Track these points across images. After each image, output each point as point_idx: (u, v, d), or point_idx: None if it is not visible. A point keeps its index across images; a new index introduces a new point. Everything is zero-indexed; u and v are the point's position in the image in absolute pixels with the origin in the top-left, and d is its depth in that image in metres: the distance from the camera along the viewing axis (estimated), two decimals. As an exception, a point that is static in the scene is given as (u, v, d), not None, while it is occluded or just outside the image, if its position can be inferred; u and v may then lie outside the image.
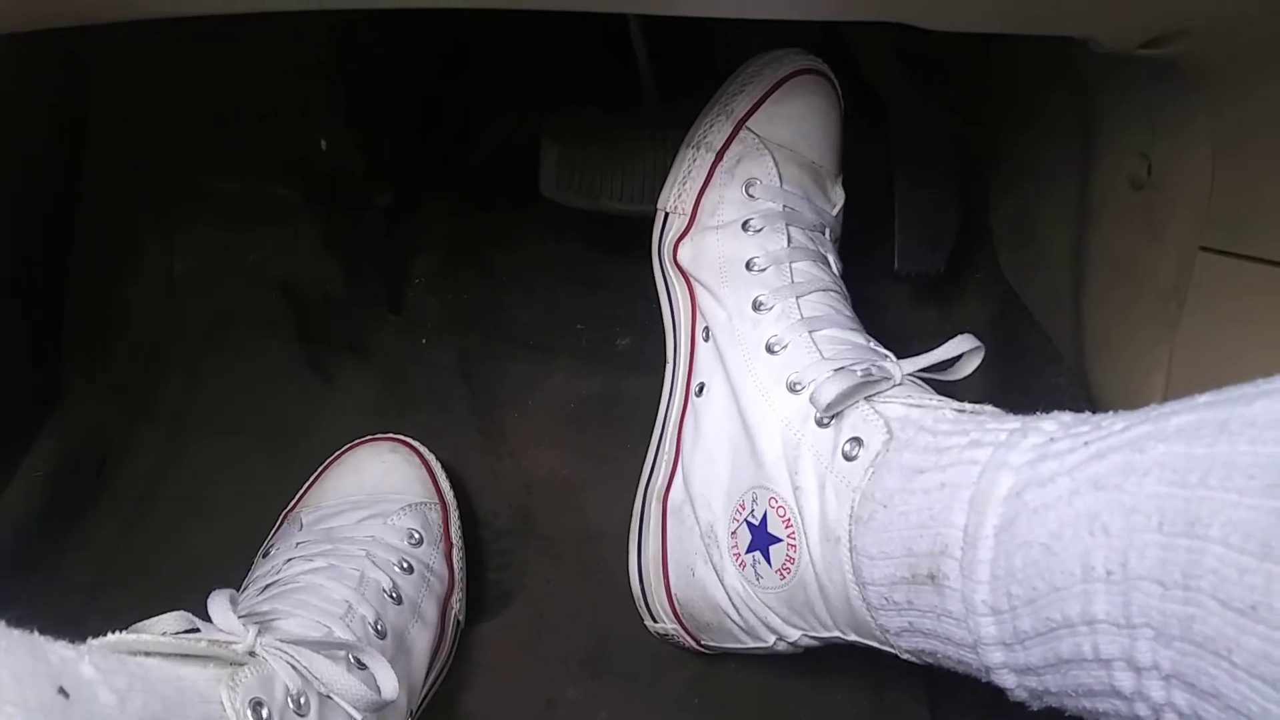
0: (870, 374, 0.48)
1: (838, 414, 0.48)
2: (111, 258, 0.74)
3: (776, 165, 0.59)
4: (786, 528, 0.50)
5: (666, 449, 0.61)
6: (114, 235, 0.74)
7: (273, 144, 0.74)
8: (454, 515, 0.63)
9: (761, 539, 0.51)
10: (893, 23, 0.43)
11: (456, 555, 0.62)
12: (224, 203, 0.76)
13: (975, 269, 0.78)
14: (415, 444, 0.65)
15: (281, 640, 0.45)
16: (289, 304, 0.75)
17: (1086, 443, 0.35)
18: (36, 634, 0.32)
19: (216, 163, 0.75)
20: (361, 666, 0.48)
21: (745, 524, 0.53)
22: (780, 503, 0.50)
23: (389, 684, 0.48)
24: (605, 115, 0.71)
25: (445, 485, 0.64)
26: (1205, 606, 0.28)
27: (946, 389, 0.50)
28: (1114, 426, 0.35)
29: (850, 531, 0.45)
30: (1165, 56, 0.46)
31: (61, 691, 0.31)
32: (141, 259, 0.75)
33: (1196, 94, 0.50)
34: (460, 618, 0.62)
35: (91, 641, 0.37)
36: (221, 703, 0.39)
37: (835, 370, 0.49)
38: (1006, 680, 0.38)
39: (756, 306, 0.56)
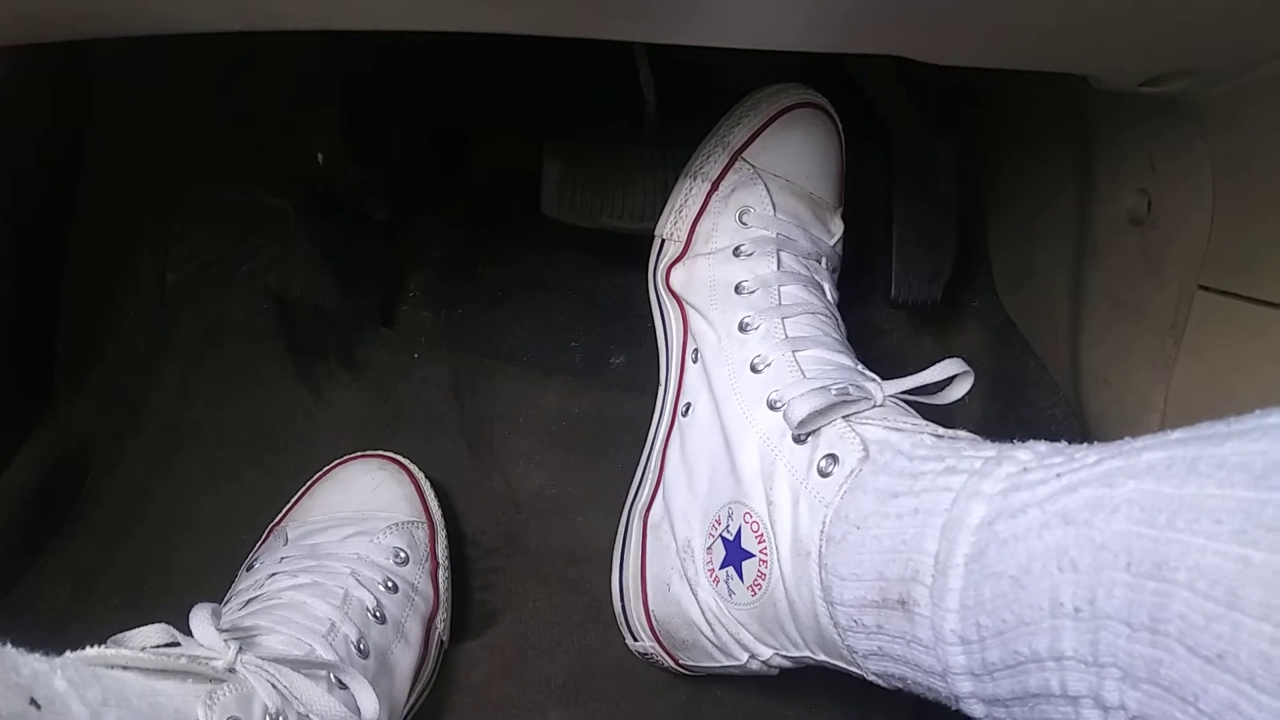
0: (847, 393, 0.49)
1: (814, 431, 0.49)
2: (105, 266, 0.74)
3: (770, 194, 0.60)
4: (759, 542, 0.50)
5: (652, 467, 0.61)
6: (108, 244, 0.74)
7: (270, 156, 0.74)
8: (441, 535, 0.63)
9: (735, 554, 0.52)
10: (897, 56, 0.43)
11: (442, 575, 0.61)
12: (219, 213, 0.75)
13: (973, 297, 0.78)
14: (404, 461, 0.65)
15: (262, 658, 0.44)
16: (281, 316, 0.74)
17: (1059, 474, 0.35)
18: (8, 646, 0.32)
19: (213, 173, 0.75)
20: (342, 687, 0.47)
21: (720, 539, 0.53)
22: (754, 518, 0.50)
23: (369, 705, 0.47)
24: (607, 134, 0.71)
25: (433, 504, 0.64)
26: (1173, 651, 0.28)
27: (939, 415, 0.50)
28: (1086, 459, 0.35)
29: (821, 547, 0.45)
30: (1166, 94, 0.46)
31: (33, 703, 0.31)
32: (135, 268, 0.75)
33: (1197, 132, 0.50)
34: (444, 638, 0.61)
35: (67, 655, 0.37)
36: (198, 720, 0.39)
37: (812, 388, 0.50)
38: (975, 710, 0.38)
39: (743, 327, 0.56)
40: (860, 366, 0.54)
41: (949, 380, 0.51)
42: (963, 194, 0.72)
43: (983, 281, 0.78)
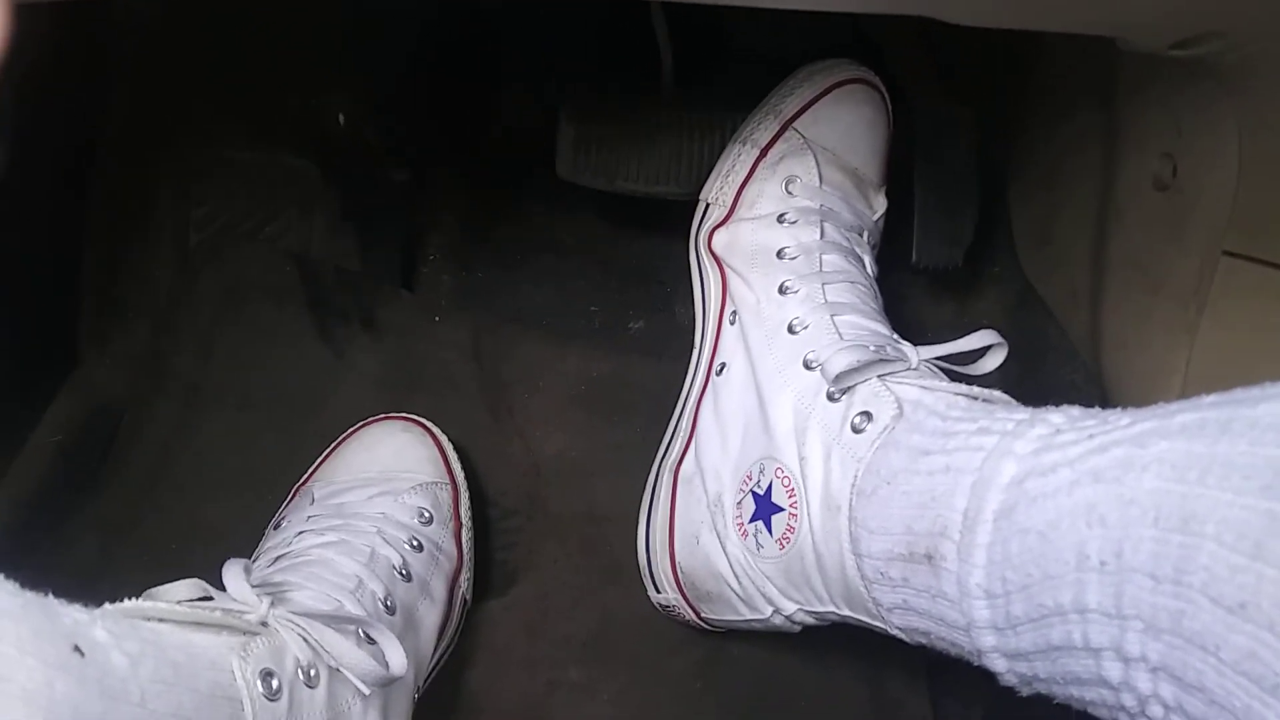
0: (884, 352, 0.49)
1: (849, 389, 0.49)
2: (127, 228, 0.74)
3: (818, 166, 0.61)
4: (790, 497, 0.51)
5: (684, 425, 0.62)
6: (130, 205, 0.74)
7: (291, 117, 0.74)
8: (464, 496, 0.63)
9: (765, 508, 0.52)
10: (918, 16, 0.43)
11: (465, 535, 0.62)
12: (241, 175, 0.76)
13: (993, 263, 0.78)
14: (428, 424, 0.65)
15: (294, 612, 0.45)
16: (303, 277, 0.75)
17: (1091, 435, 0.36)
18: (50, 597, 0.32)
19: (234, 135, 0.75)
20: (371, 641, 0.48)
21: (751, 494, 0.54)
22: (786, 473, 0.51)
23: (397, 659, 0.48)
24: (624, 97, 0.71)
25: (456, 466, 0.64)
26: (1196, 602, 0.29)
27: (964, 381, 0.50)
28: (1120, 422, 0.35)
29: (851, 502, 0.46)
30: (1195, 58, 0.46)
31: (76, 650, 0.31)
32: (158, 229, 0.75)
33: (1225, 96, 0.50)
34: (467, 597, 0.62)
35: (106, 606, 0.37)
36: (232, 671, 0.39)
37: (850, 345, 0.50)
38: (997, 664, 0.39)
39: (783, 290, 0.57)
40: (895, 336, 0.54)
41: (982, 352, 0.52)
42: (984, 158, 0.71)
43: (1003, 246, 0.78)
